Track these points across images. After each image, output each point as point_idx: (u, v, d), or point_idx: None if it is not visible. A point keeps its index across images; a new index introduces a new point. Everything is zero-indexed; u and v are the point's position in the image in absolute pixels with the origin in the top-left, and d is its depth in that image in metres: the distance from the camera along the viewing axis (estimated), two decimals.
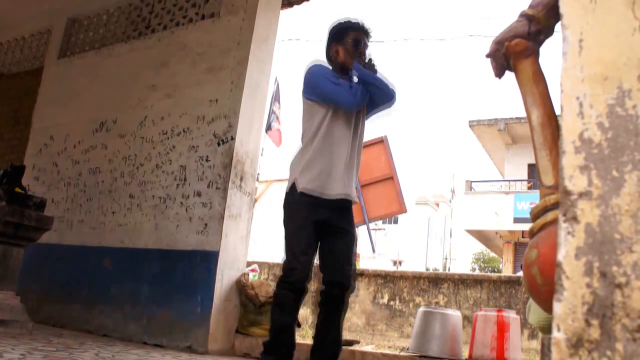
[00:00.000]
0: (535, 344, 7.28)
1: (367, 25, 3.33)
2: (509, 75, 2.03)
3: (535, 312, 3.30)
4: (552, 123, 1.75)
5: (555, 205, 1.59)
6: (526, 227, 2.31)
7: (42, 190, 6.20)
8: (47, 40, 7.35)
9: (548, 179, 1.68)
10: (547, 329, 3.04)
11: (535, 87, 1.83)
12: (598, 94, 1.03)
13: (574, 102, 1.05)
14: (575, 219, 0.99)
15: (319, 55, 3.46)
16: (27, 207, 4.53)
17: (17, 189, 4.59)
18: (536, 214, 1.70)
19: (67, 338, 4.52)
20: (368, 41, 3.34)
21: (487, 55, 2.03)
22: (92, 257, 5.74)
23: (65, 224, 6.08)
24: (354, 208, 3.36)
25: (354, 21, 3.34)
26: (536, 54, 1.91)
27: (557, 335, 0.96)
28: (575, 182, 1.01)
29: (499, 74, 2.01)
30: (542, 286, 1.58)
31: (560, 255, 0.99)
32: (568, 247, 0.98)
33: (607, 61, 1.03)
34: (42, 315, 5.54)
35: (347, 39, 3.27)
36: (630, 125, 0.99)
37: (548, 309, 1.37)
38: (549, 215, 1.62)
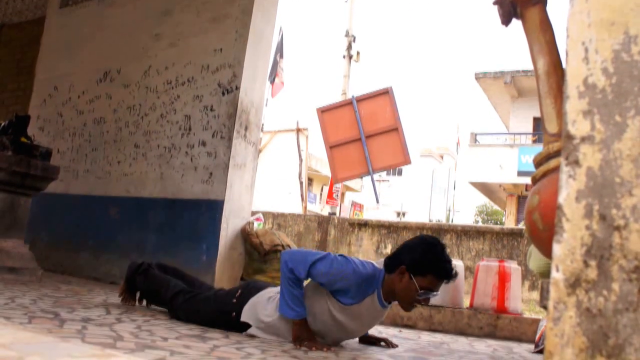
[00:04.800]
0: (536, 295, 7.40)
1: (454, 272, 2.69)
2: (516, 24, 2.02)
3: (535, 258, 3.36)
4: (557, 71, 1.75)
5: (557, 153, 1.60)
6: (530, 180, 2.32)
7: (47, 141, 6.22)
8: None
9: (552, 127, 1.70)
10: (546, 274, 3.10)
11: (542, 35, 1.83)
12: (604, 39, 1.03)
13: (579, 47, 1.05)
14: (577, 162, 1.00)
15: None
16: (33, 156, 4.56)
17: (23, 139, 4.61)
18: (539, 162, 1.72)
19: (76, 285, 4.61)
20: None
21: (495, 3, 2.02)
22: (99, 207, 5.80)
23: (71, 173, 6.12)
24: (359, 159, 3.29)
25: (445, 266, 2.66)
26: (543, 2, 1.89)
27: (555, 275, 0.99)
28: (578, 126, 1.02)
29: (506, 21, 2.00)
30: (543, 231, 1.61)
31: (561, 198, 1.01)
32: (569, 190, 1.00)
33: (615, 6, 1.03)
34: (50, 263, 5.64)
35: (423, 281, 2.65)
36: (634, 71, 0.99)
37: (548, 253, 1.40)
38: (552, 163, 1.64)
